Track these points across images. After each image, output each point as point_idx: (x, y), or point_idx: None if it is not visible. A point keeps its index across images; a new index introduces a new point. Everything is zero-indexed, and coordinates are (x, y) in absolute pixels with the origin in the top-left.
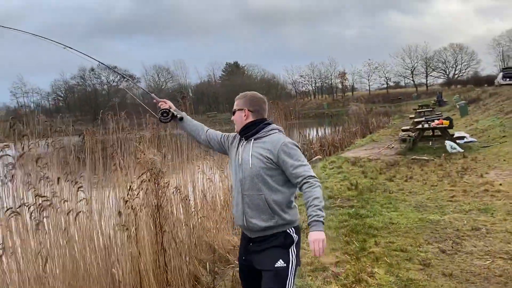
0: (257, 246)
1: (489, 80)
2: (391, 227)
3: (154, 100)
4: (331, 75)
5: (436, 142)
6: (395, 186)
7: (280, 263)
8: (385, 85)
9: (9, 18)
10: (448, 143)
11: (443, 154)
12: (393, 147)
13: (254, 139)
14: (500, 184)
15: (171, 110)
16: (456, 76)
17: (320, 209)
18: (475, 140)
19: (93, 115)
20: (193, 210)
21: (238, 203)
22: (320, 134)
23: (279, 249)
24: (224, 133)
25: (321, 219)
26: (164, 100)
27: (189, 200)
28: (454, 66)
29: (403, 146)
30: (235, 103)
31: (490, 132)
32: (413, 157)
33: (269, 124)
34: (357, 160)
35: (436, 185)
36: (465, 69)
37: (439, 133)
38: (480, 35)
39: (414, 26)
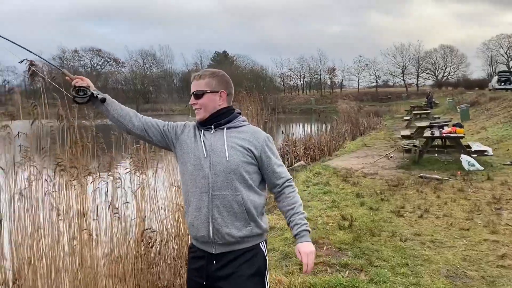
0: (225, 269)
1: (480, 84)
2: None
3: (67, 78)
4: (320, 70)
5: (448, 155)
6: (407, 227)
7: None
8: (375, 83)
9: None
10: (465, 158)
11: (458, 172)
12: (391, 156)
13: (228, 128)
14: None
15: (90, 89)
16: (444, 78)
17: (306, 217)
18: (491, 153)
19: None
20: None
21: (200, 206)
22: (305, 133)
23: (255, 279)
24: (168, 122)
25: (309, 228)
26: (80, 76)
27: None
28: (444, 68)
29: (406, 156)
30: (202, 83)
31: (508, 144)
32: (421, 174)
33: (240, 113)
34: (349, 174)
35: (468, 229)
36: (454, 72)
37: (450, 144)
38: (460, 39)
39: (394, 27)
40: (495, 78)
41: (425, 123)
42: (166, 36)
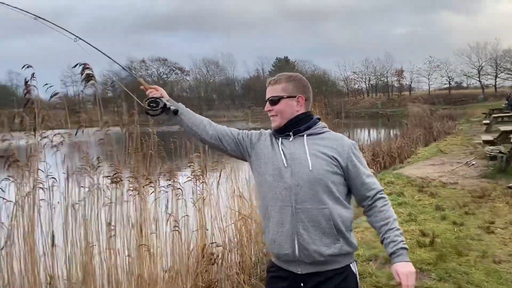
0: None
1: None
2: None
3: (142, 87)
4: (387, 73)
5: None
6: (500, 246)
7: None
8: (447, 85)
9: (58, 14)
10: None
11: None
12: (473, 164)
13: (308, 135)
14: None
15: (163, 99)
16: None
17: (402, 234)
18: None
19: (139, 106)
20: None
21: (283, 221)
22: (372, 138)
23: None
24: (242, 131)
25: (406, 246)
26: (155, 86)
27: None
28: None
29: (490, 164)
30: (279, 88)
31: None
32: (510, 184)
33: (320, 119)
34: (425, 183)
35: None
36: None
37: None
38: None
39: (467, 26)
40: None
41: (509, 127)
42: (229, 44)
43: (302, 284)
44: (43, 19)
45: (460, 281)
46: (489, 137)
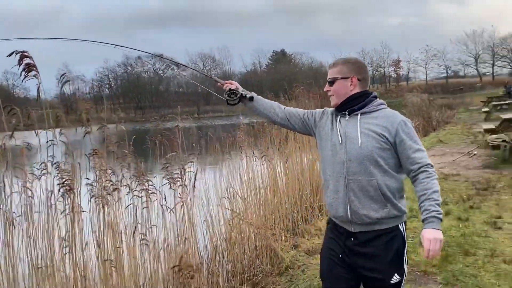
0: (362, 246)
1: None
2: None
3: (219, 84)
4: (384, 63)
5: None
6: (510, 243)
7: (395, 278)
8: (444, 74)
9: (50, 14)
10: None
11: None
12: (474, 154)
13: (362, 114)
14: None
15: (239, 90)
16: None
17: (439, 205)
18: None
19: (136, 103)
20: None
21: (337, 190)
22: None
23: (393, 257)
24: (307, 110)
25: (440, 216)
26: (230, 81)
27: None
28: None
29: (493, 154)
30: (335, 70)
31: None
32: None
33: (377, 97)
34: None
35: None
36: None
37: None
38: None
39: (461, 15)
40: None
41: (511, 115)
42: (223, 39)
43: (352, 239)
44: (121, 46)
45: (469, 285)
46: (490, 126)
